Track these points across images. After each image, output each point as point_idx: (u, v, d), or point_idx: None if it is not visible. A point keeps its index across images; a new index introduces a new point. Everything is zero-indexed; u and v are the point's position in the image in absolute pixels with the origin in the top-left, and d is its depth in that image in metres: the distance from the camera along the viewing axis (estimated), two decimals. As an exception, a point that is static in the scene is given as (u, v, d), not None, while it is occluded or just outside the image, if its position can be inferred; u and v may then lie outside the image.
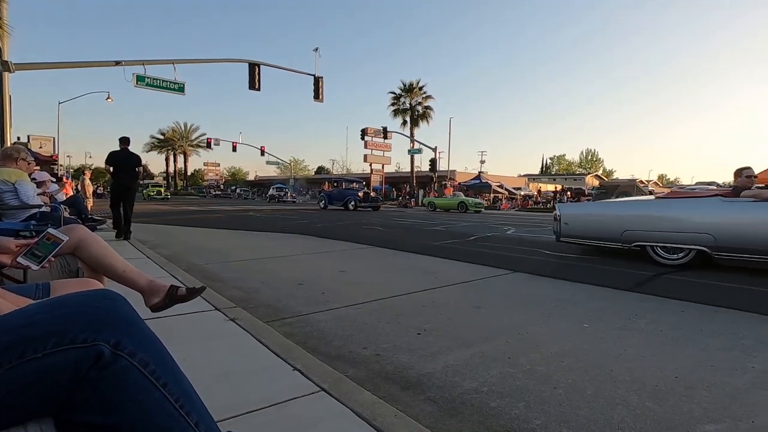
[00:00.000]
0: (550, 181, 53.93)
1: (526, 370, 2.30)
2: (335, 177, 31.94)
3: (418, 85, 38.47)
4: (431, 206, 25.69)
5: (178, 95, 15.62)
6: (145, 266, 4.60)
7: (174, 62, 14.79)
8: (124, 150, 7.16)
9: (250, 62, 16.08)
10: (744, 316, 3.39)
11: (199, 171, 78.27)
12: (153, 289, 1.70)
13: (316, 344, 2.63)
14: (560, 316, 3.35)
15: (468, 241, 8.35)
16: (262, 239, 8.57)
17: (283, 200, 38.63)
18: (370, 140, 36.26)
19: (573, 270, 5.32)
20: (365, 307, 3.48)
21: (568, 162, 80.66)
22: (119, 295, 0.82)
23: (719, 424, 1.77)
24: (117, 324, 0.74)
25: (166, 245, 7.06)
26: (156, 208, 20.62)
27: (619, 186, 31.31)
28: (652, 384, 2.13)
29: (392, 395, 1.98)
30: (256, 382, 1.93)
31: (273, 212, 19.36)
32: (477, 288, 4.34)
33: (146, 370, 0.72)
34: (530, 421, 1.78)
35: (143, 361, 0.73)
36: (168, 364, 0.78)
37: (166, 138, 62.07)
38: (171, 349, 0.86)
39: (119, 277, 1.71)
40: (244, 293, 3.87)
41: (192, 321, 2.76)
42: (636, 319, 3.25)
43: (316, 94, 17.93)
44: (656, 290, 4.20)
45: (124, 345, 0.72)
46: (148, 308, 1.70)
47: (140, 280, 1.71)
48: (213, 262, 5.55)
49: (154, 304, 1.70)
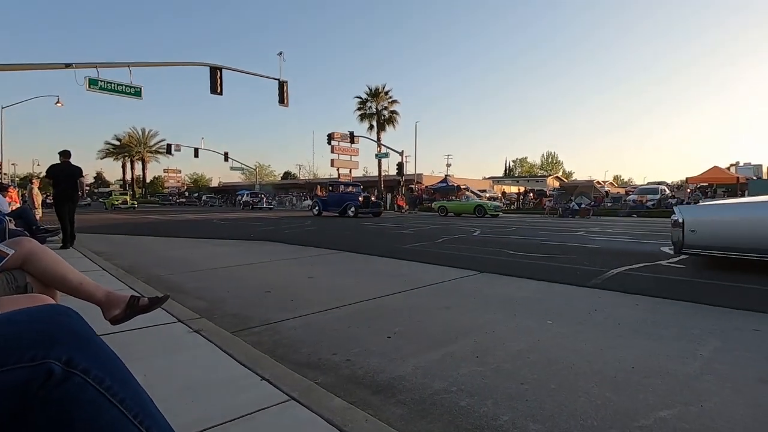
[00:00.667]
0: (514, 183, 55.57)
1: (493, 368, 2.35)
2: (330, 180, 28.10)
3: (384, 90, 38.79)
4: (443, 210, 23.36)
5: (135, 99, 15.02)
6: (101, 279, 4.38)
7: (129, 65, 14.23)
8: (64, 162, 7.41)
9: (212, 66, 15.70)
10: (694, 308, 3.61)
11: (159, 178, 75.30)
12: (112, 301, 1.62)
13: (285, 352, 2.58)
14: (525, 314, 3.45)
15: (435, 243, 8.47)
16: (228, 247, 8.34)
17: (259, 207, 35.45)
18: (337, 145, 36.12)
19: (535, 269, 5.50)
20: (335, 313, 3.46)
21: (530, 164, 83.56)
22: (71, 309, 0.78)
23: (672, 409, 1.87)
24: (68, 340, 0.70)
25: (123, 256, 6.74)
26: (115, 218, 19.65)
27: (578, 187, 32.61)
28: (611, 375, 2.24)
29: (363, 400, 1.98)
30: (222, 394, 1.87)
31: (255, 220, 18.86)
32: (446, 289, 4.40)
33: (102, 387, 0.69)
34: (498, 417, 1.82)
35: (98, 378, 0.69)
36: (125, 379, 0.75)
37: (122, 144, 59.43)
38: (131, 365, 0.83)
39: (74, 291, 1.62)
40: (209, 303, 3.75)
41: (153, 334, 2.65)
42: (595, 314, 3.40)
43: (281, 99, 17.73)
44: (612, 286, 4.41)
45: (77, 362, 0.68)
46: (107, 321, 1.62)
47: (97, 292, 1.63)
48: (176, 272, 5.35)
49: (114, 316, 1.62)
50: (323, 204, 21.82)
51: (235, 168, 49.67)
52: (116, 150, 60.20)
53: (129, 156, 60.56)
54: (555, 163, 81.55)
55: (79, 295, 1.61)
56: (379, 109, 38.91)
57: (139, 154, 60.29)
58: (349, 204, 20.24)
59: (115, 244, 8.79)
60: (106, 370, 0.71)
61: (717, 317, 3.31)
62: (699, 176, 26.55)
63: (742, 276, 4.87)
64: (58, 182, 7.38)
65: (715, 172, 26.33)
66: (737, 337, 2.84)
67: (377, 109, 38.93)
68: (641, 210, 23.34)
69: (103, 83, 14.06)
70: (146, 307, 1.64)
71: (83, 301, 1.61)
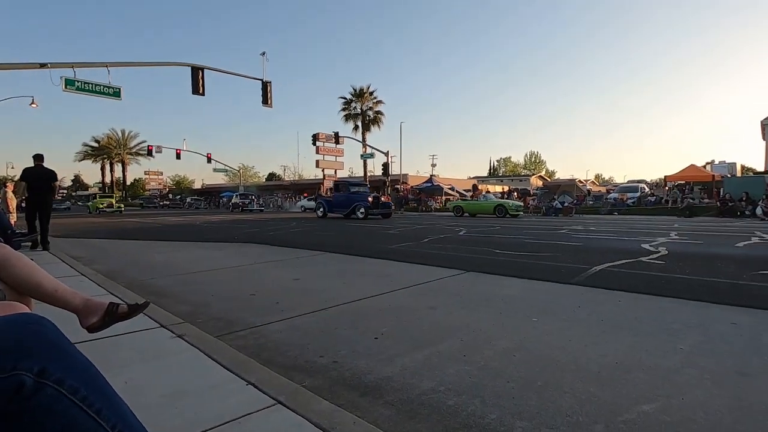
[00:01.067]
0: (498, 182, 56.14)
1: (480, 366, 2.36)
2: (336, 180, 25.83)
3: (369, 90, 38.77)
4: (458, 211, 21.47)
5: (114, 100, 14.68)
6: (79, 285, 4.26)
7: (108, 65, 13.89)
8: (38, 166, 7.51)
9: (193, 66, 15.45)
10: (674, 303, 3.70)
11: (139, 180, 73.80)
12: (89, 309, 1.57)
13: (271, 356, 2.55)
14: (511, 312, 3.48)
15: (422, 243, 8.49)
16: (212, 250, 8.22)
17: (249, 209, 33.69)
18: (321, 145, 35.92)
19: (520, 267, 5.56)
20: (321, 315, 3.43)
21: (514, 164, 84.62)
22: (44, 318, 0.75)
23: (654, 403, 1.91)
24: (41, 350, 0.68)
25: (103, 261, 6.58)
26: (93, 222, 19.18)
27: (561, 186, 33.13)
28: (595, 371, 2.27)
29: (351, 402, 1.96)
30: (207, 400, 1.84)
31: (240, 222, 18.59)
32: (432, 289, 4.41)
33: (76, 398, 0.67)
34: (486, 416, 1.83)
35: (73, 388, 0.67)
36: (102, 389, 0.72)
37: (101, 146, 57.99)
38: (111, 373, 0.81)
39: (50, 298, 1.56)
40: (192, 307, 3.68)
41: (135, 340, 2.59)
42: (579, 311, 3.45)
43: (265, 99, 17.55)
44: (595, 282, 4.48)
45: (50, 372, 0.65)
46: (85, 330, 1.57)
47: (74, 299, 1.58)
48: (159, 276, 5.24)
49: (92, 324, 1.57)
50: (328, 205, 20.37)
51: (218, 169, 48.90)
52: (95, 152, 58.72)
53: (108, 158, 59.13)
54: (538, 162, 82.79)
55: (55, 302, 1.56)
56: (363, 110, 38.88)
57: (118, 156, 58.91)
58: (358, 205, 18.62)
59: (95, 249, 8.57)
60: (82, 379, 0.69)
61: (696, 311, 3.39)
62: (677, 174, 27.21)
63: (720, 271, 5.01)
64: (33, 186, 7.44)
65: (692, 170, 27.02)
66: (716, 330, 2.92)
67: (362, 110, 38.89)
68: (622, 208, 23.86)
69: (80, 83, 13.68)
70: (126, 314, 1.59)
71: (59, 309, 1.56)
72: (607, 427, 1.72)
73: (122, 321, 1.61)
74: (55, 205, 41.67)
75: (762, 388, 2.04)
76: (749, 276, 4.67)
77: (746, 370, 2.26)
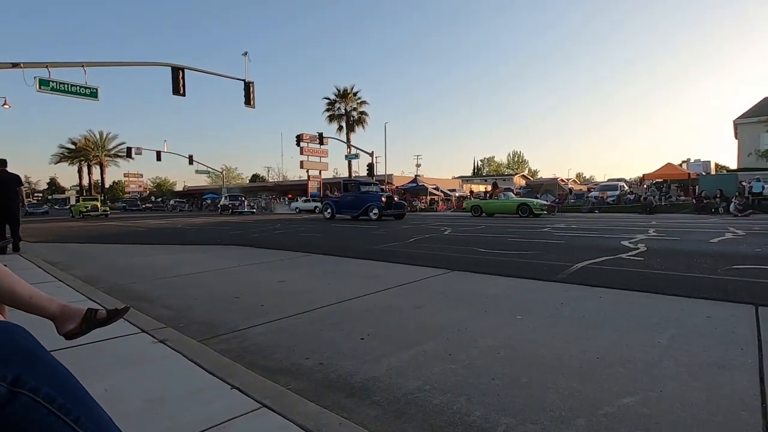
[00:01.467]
0: (482, 181, 56.69)
1: (465, 364, 2.38)
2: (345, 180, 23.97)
3: (353, 91, 38.76)
4: (476, 210, 20.17)
5: (92, 101, 14.33)
6: (56, 291, 4.14)
7: (84, 65, 13.56)
8: (2, 171, 7.52)
9: (173, 66, 15.19)
10: (652, 298, 3.79)
11: (119, 183, 72.15)
12: (67, 315, 1.53)
13: (256, 359, 2.53)
14: (495, 310, 3.52)
15: (407, 243, 8.51)
16: (195, 253, 8.09)
17: (240, 211, 32.14)
18: (306, 146, 35.73)
19: (504, 265, 5.63)
20: (307, 317, 3.42)
21: (498, 163, 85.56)
22: (18, 326, 0.73)
23: (634, 396, 1.96)
24: (15, 358, 0.66)
25: (81, 266, 6.41)
26: (71, 226, 18.67)
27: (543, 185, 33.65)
28: (578, 366, 2.31)
29: (337, 403, 1.96)
30: (190, 405, 1.81)
31: (224, 224, 18.31)
32: (418, 289, 4.43)
33: (53, 406, 0.65)
34: (471, 413, 1.85)
35: (49, 397, 0.65)
36: (80, 396, 0.71)
37: (78, 148, 56.47)
38: (91, 380, 0.79)
39: (25, 305, 1.52)
40: (174, 312, 3.62)
41: (115, 346, 2.53)
42: (561, 308, 3.51)
43: (247, 100, 17.37)
44: (577, 279, 4.57)
45: (24, 381, 0.64)
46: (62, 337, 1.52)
47: (51, 306, 1.53)
48: (139, 280, 5.13)
49: (69, 331, 1.53)
50: (336, 206, 19.16)
51: (200, 171, 48.21)
52: (72, 154, 57.16)
53: (86, 160, 57.62)
54: (521, 162, 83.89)
55: (30, 309, 1.51)
56: (348, 110, 38.85)
57: (96, 158, 57.44)
58: (372, 205, 17.48)
59: (73, 253, 8.35)
60: (58, 387, 0.67)
61: (673, 306, 3.49)
62: (654, 173, 27.92)
63: (696, 266, 5.16)
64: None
65: (668, 168, 27.77)
66: (692, 324, 3.00)
67: (346, 110, 38.85)
68: (602, 206, 24.37)
69: (55, 84, 13.32)
70: (105, 319, 1.55)
71: (35, 316, 1.51)
72: (588, 421, 1.76)
73: (101, 327, 1.57)
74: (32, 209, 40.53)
75: (736, 380, 2.11)
76: (723, 270, 4.82)
77: (721, 362, 2.34)
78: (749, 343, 2.58)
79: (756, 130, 27.70)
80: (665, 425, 1.71)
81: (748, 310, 3.27)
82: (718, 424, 1.71)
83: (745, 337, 2.70)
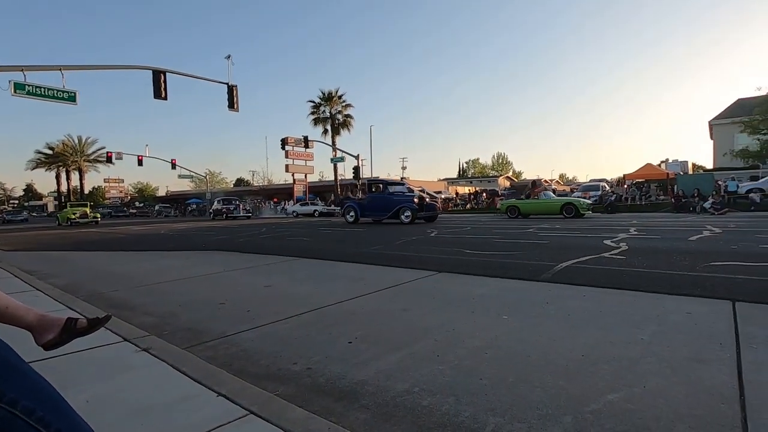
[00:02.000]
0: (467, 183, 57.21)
1: (453, 365, 2.40)
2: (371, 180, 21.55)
3: (338, 94, 38.71)
4: (512, 211, 18.24)
5: (70, 105, 14.00)
6: (34, 300, 4.03)
7: (62, 68, 13.26)
8: None
9: (154, 69, 14.96)
10: (634, 296, 3.87)
11: (98, 188, 70.52)
12: (45, 325, 1.48)
13: (243, 365, 2.49)
14: (482, 310, 3.55)
15: (394, 246, 8.52)
16: (178, 259, 7.95)
17: (234, 215, 29.29)
18: (291, 150, 35.57)
19: (491, 266, 5.67)
20: (294, 321, 3.39)
21: (482, 165, 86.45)
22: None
23: (619, 392, 2.00)
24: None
25: (61, 274, 6.24)
26: (48, 234, 18.16)
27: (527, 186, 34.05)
28: (564, 364, 2.35)
29: (326, 408, 1.94)
30: (175, 414, 1.77)
31: (209, 229, 18.00)
32: (405, 291, 4.44)
33: (32, 419, 0.63)
34: (459, 414, 1.86)
35: (27, 409, 0.63)
36: (60, 408, 0.69)
37: (56, 153, 55.02)
38: (72, 391, 0.77)
39: (1, 316, 1.47)
40: (158, 319, 3.55)
41: (96, 356, 2.47)
42: (547, 307, 3.55)
43: (231, 104, 17.21)
44: (562, 279, 4.64)
45: (1, 393, 0.62)
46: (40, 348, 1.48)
47: (28, 316, 1.49)
48: (122, 288, 5.02)
49: (48, 341, 1.48)
50: (360, 208, 17.41)
51: (183, 176, 47.43)
52: (49, 159, 55.65)
53: (64, 165, 56.15)
54: (505, 163, 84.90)
55: (6, 320, 1.46)
56: (333, 113, 38.78)
57: (75, 164, 56.04)
58: (404, 207, 15.71)
59: (52, 262, 8.13)
60: (37, 399, 0.65)
61: (654, 303, 3.57)
62: (635, 173, 28.56)
63: (675, 264, 5.29)
64: None
65: (648, 168, 28.44)
66: (672, 320, 3.08)
67: (331, 113, 38.78)
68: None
69: (31, 87, 12.99)
70: (85, 329, 1.51)
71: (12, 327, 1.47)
72: (575, 418, 1.78)
73: (82, 336, 1.53)
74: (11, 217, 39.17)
75: (715, 374, 2.17)
76: (701, 268, 4.95)
77: (701, 357, 2.40)
78: (727, 338, 2.65)
79: (730, 130, 28.59)
80: (648, 420, 1.75)
81: (726, 306, 3.36)
82: (699, 418, 1.75)
83: (723, 332, 2.78)
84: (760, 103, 22.10)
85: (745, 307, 3.33)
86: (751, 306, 3.36)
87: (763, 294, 3.66)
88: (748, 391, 1.95)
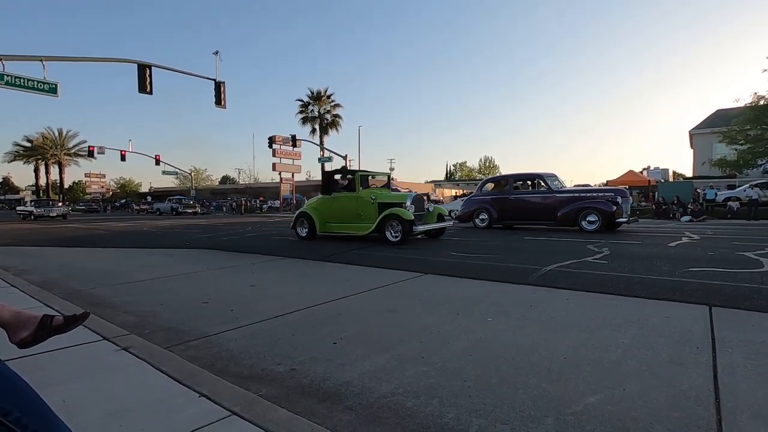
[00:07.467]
0: (454, 186, 57.53)
1: (438, 367, 2.41)
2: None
3: (326, 94, 38.59)
4: None
5: (51, 97, 13.65)
6: (9, 297, 3.91)
7: (43, 59, 12.92)
8: None
9: (140, 63, 14.68)
10: (615, 299, 3.94)
11: (79, 183, 68.87)
12: (20, 322, 1.44)
13: (226, 365, 2.46)
14: (467, 313, 3.57)
15: (381, 246, 8.51)
16: (161, 257, 7.81)
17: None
18: (278, 148, 35.25)
19: (476, 269, 5.72)
20: (279, 321, 3.36)
21: (470, 168, 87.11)
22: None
23: (599, 394, 2.03)
24: None
25: (38, 270, 6.07)
26: (25, 228, 17.65)
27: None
28: (546, 367, 2.38)
29: (309, 409, 1.93)
30: (155, 415, 1.74)
31: (194, 227, 17.69)
32: (391, 292, 4.44)
33: (8, 420, 0.61)
34: (443, 415, 1.87)
35: (3, 410, 0.61)
36: (37, 409, 0.67)
37: (34, 146, 53.43)
38: (48, 391, 0.75)
39: None
40: (139, 318, 3.48)
41: (74, 355, 2.41)
42: (531, 310, 3.60)
43: (218, 100, 16.99)
44: (546, 282, 4.70)
45: None
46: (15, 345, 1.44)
47: (2, 313, 1.44)
48: (101, 285, 4.90)
49: (23, 339, 1.44)
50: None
51: (168, 172, 46.68)
52: (27, 152, 54.08)
53: (43, 159, 54.67)
54: (492, 166, 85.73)
55: None
56: (321, 113, 38.64)
57: (55, 157, 54.59)
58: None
59: (29, 257, 7.90)
60: (13, 400, 0.63)
61: (635, 307, 3.64)
62: (617, 179, 29.12)
63: (655, 269, 5.40)
64: None
65: (630, 175, 29.05)
66: (652, 324, 3.14)
67: (320, 113, 38.63)
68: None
69: (10, 78, 12.62)
70: (62, 326, 1.47)
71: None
72: (557, 420, 1.81)
73: (59, 334, 1.49)
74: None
75: (692, 377, 2.22)
76: (680, 273, 5.07)
77: (678, 360, 2.46)
78: (704, 342, 2.72)
79: (709, 140, 29.37)
80: (628, 421, 1.78)
81: (703, 311, 3.45)
82: (676, 420, 1.79)
83: (700, 336, 2.85)
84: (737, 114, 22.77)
85: (720, 312, 3.42)
86: (726, 311, 3.45)
87: (738, 299, 3.77)
88: (723, 394, 2.01)
